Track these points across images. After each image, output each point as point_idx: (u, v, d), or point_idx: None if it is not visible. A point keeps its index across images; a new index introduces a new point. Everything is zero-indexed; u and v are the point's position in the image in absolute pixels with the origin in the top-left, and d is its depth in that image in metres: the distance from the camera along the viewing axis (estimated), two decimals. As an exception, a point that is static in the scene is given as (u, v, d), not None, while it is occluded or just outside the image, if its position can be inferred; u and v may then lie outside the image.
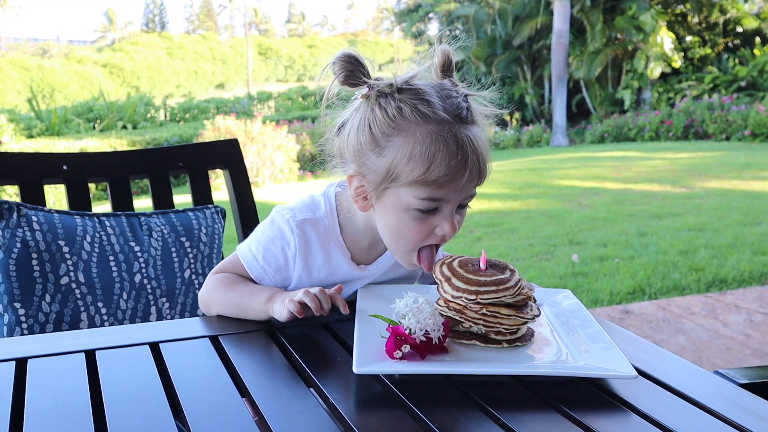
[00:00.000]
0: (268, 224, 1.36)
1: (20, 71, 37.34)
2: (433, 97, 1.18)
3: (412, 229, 1.21)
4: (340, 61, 1.21)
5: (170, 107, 24.71)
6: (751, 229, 6.07)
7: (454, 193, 1.18)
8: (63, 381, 1.02)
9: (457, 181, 1.16)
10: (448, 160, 1.14)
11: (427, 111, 1.16)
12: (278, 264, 1.33)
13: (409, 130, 1.16)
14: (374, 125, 1.19)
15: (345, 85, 1.22)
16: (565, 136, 18.83)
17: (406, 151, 1.16)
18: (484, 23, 22.14)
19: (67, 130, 19.50)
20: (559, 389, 1.00)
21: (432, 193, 1.16)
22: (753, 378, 1.27)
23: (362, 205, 1.26)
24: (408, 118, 1.16)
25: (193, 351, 1.14)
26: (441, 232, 1.21)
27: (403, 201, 1.19)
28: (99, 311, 1.69)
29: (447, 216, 1.20)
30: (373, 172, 1.20)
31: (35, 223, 1.67)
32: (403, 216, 1.20)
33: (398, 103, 1.17)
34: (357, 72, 1.21)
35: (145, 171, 2.00)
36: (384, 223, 1.25)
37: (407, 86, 1.20)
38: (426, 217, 1.20)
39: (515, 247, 5.86)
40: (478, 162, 1.17)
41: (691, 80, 19.55)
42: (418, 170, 1.15)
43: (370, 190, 1.22)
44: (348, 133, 1.24)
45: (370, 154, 1.20)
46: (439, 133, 1.15)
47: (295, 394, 0.98)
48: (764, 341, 3.51)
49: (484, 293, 1.07)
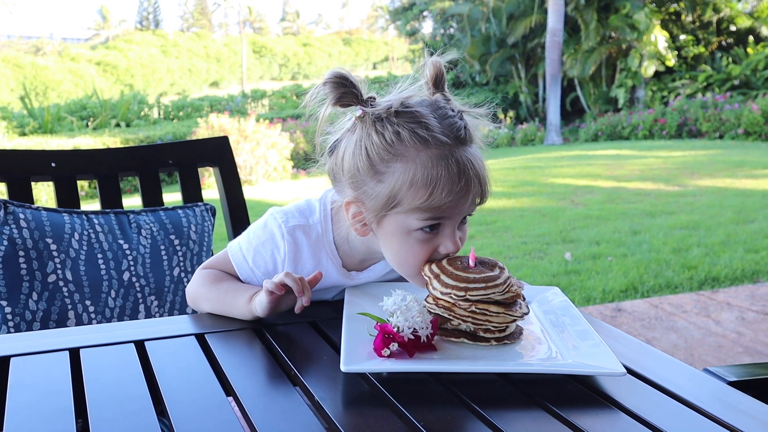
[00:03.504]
0: (261, 226, 1.34)
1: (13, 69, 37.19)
2: (431, 119, 1.15)
3: (416, 252, 1.18)
4: (330, 82, 1.17)
5: (164, 105, 24.64)
6: (744, 227, 6.08)
7: (457, 213, 1.16)
8: (45, 379, 1.00)
9: (461, 205, 1.15)
10: (451, 186, 1.12)
11: (426, 135, 1.13)
12: (267, 268, 1.32)
13: (408, 156, 1.13)
14: (371, 150, 1.15)
15: (337, 106, 1.18)
16: (559, 134, 18.85)
17: (407, 178, 1.13)
18: (478, 21, 22.15)
19: (60, 128, 19.43)
20: (547, 387, 0.99)
21: (435, 215, 1.15)
22: (742, 376, 1.27)
23: (361, 230, 1.23)
24: (407, 143, 1.13)
25: (179, 349, 1.13)
26: (444, 251, 1.18)
27: (404, 225, 1.17)
28: (87, 309, 1.68)
29: (449, 234, 1.18)
30: (373, 199, 1.17)
31: (23, 221, 1.65)
32: (406, 239, 1.18)
33: (395, 128, 1.14)
34: (349, 93, 1.17)
35: (134, 168, 1.99)
36: (387, 247, 1.22)
37: (403, 109, 1.16)
38: (428, 237, 1.17)
39: (508, 246, 5.86)
40: (479, 184, 1.16)
41: (685, 79, 19.61)
42: (421, 196, 1.12)
43: (370, 217, 1.19)
44: (342, 156, 1.20)
45: (369, 181, 1.17)
46: (440, 157, 1.13)
47: (281, 393, 0.97)
48: (756, 339, 3.52)
49: (473, 290, 1.07)
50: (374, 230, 1.22)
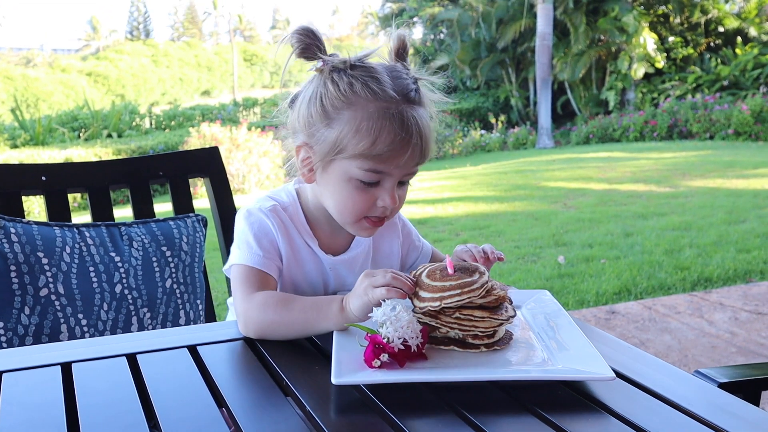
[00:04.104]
0: (245, 222, 1.36)
1: (4, 81, 37.10)
2: (384, 76, 1.24)
3: (354, 200, 1.27)
4: (297, 34, 1.26)
5: (155, 115, 24.59)
6: (735, 227, 6.11)
7: (395, 168, 1.24)
8: (38, 395, 1.01)
9: (400, 158, 1.22)
10: (393, 136, 1.21)
11: (377, 88, 1.22)
12: (273, 247, 1.35)
13: (358, 105, 1.22)
14: (326, 99, 1.25)
15: (301, 57, 1.27)
16: (550, 137, 18.90)
17: (353, 125, 1.22)
18: (468, 27, 22.21)
19: (51, 139, 19.36)
20: (537, 392, 1.00)
21: (375, 166, 1.23)
22: (733, 377, 1.28)
23: (307, 176, 1.33)
24: (358, 94, 1.22)
25: (171, 362, 1.13)
26: (382, 204, 1.27)
27: (346, 172, 1.25)
28: (79, 323, 1.68)
29: (388, 189, 1.26)
30: (321, 143, 1.26)
31: (13, 235, 1.65)
32: (345, 186, 1.26)
33: (350, 79, 1.24)
34: (313, 46, 1.26)
35: (125, 181, 1.98)
36: (329, 193, 1.30)
37: (360, 64, 1.26)
38: (367, 188, 1.26)
39: (501, 250, 5.82)
40: (420, 141, 1.24)
41: (675, 80, 19.69)
42: (364, 144, 1.21)
43: (317, 161, 1.28)
44: (299, 105, 1.30)
45: (320, 126, 1.26)
46: (386, 110, 1.22)
47: (272, 404, 0.97)
48: (749, 339, 3.53)
49: (448, 297, 1.07)
50: (319, 176, 1.31)
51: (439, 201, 8.68)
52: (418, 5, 25.12)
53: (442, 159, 16.87)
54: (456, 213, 7.84)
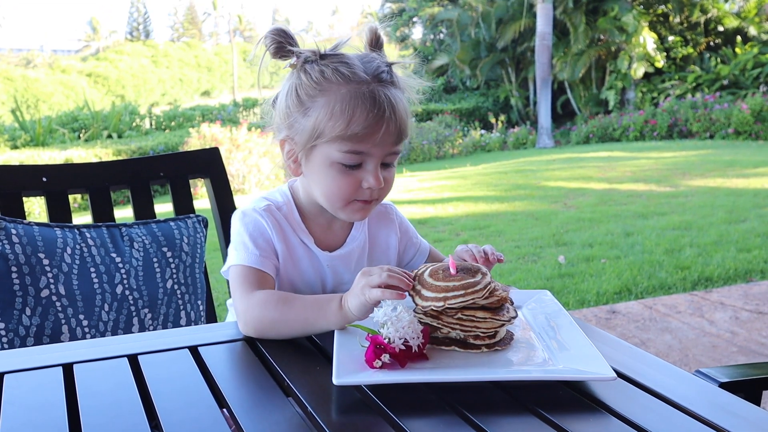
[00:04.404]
0: (240, 223, 1.38)
1: (4, 82, 37.10)
2: (355, 61, 1.29)
3: (339, 184, 1.29)
4: (270, 35, 1.31)
5: (155, 116, 24.58)
6: (736, 226, 6.11)
7: (374, 147, 1.26)
8: (39, 396, 1.01)
9: (376, 135, 1.25)
10: (366, 114, 1.24)
11: (347, 72, 1.27)
12: (268, 246, 1.36)
13: (330, 90, 1.26)
14: (300, 89, 1.29)
15: (276, 57, 1.32)
16: (550, 137, 18.90)
17: (328, 109, 1.25)
18: (467, 26, 22.21)
19: (51, 140, 19.35)
20: (538, 392, 1.00)
21: (353, 147, 1.25)
22: (733, 377, 1.28)
23: (294, 168, 1.36)
24: (330, 80, 1.27)
25: (172, 362, 1.13)
26: (367, 185, 1.29)
27: (328, 157, 1.28)
28: (80, 323, 1.68)
29: (371, 170, 1.28)
30: (300, 133, 1.30)
31: (14, 236, 1.65)
32: (329, 171, 1.29)
33: (321, 67, 1.28)
34: (286, 44, 1.30)
35: (125, 181, 1.99)
36: (315, 182, 1.33)
37: (331, 53, 1.31)
38: (351, 171, 1.28)
39: (502, 250, 5.86)
40: (395, 117, 1.26)
41: (674, 80, 19.69)
42: (339, 125, 1.24)
43: (299, 151, 1.32)
44: (279, 102, 1.35)
45: (298, 116, 1.30)
46: (358, 90, 1.25)
47: (274, 404, 0.97)
48: (750, 338, 3.53)
49: (452, 298, 1.07)
50: (304, 167, 1.34)
51: (439, 201, 8.68)
52: (417, 5, 25.12)
53: (442, 159, 16.87)
54: (456, 213, 7.84)
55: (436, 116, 20.26)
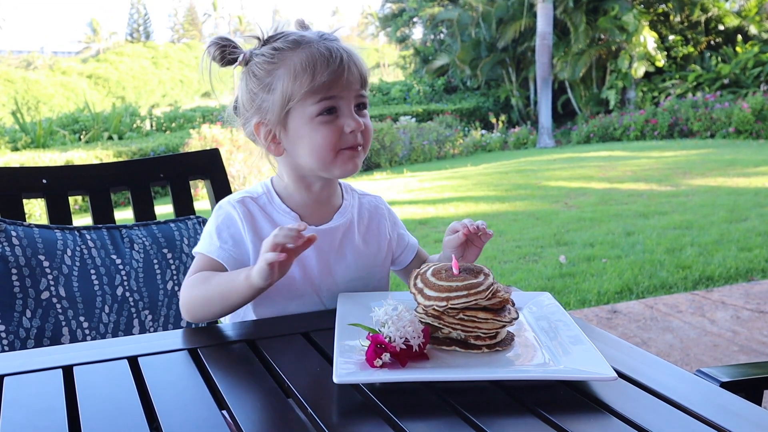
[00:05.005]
0: (213, 214, 1.43)
1: (4, 84, 37.10)
2: (298, 30, 1.37)
3: (323, 134, 1.32)
4: (212, 45, 1.37)
5: (156, 117, 24.56)
6: (737, 225, 6.10)
7: (344, 90, 1.32)
8: (39, 398, 1.01)
9: (341, 78, 1.31)
10: (327, 63, 1.30)
11: (297, 38, 1.34)
12: (234, 239, 1.38)
13: (286, 58, 1.32)
14: (257, 71, 1.35)
15: (224, 64, 1.37)
16: (551, 137, 18.89)
17: (290, 74, 1.31)
18: (468, 26, 22.20)
19: (52, 142, 19.35)
20: (539, 393, 1.00)
21: (324, 94, 1.31)
22: (735, 376, 1.28)
23: (275, 149, 1.39)
24: (283, 50, 1.33)
25: (172, 364, 1.13)
26: (349, 129, 1.32)
27: (305, 116, 1.32)
28: (81, 325, 1.68)
29: (348, 114, 1.33)
30: (272, 108, 1.34)
31: (14, 238, 1.65)
32: (309, 127, 1.32)
33: (271, 45, 1.34)
34: (229, 49, 1.36)
35: (125, 183, 1.98)
36: (300, 147, 1.35)
37: (273, 34, 1.37)
38: (330, 120, 1.32)
39: (503, 250, 5.87)
40: (353, 60, 1.33)
41: (675, 79, 19.67)
42: (306, 81, 1.30)
43: (275, 126, 1.35)
44: (239, 97, 1.40)
45: (263, 95, 1.35)
46: (310, 48, 1.32)
47: (274, 405, 0.97)
48: (751, 337, 3.53)
49: (455, 298, 1.07)
50: (285, 140, 1.36)
51: (440, 201, 8.68)
52: (418, 5, 25.12)
53: (442, 159, 16.87)
54: (457, 213, 7.84)
55: (437, 116, 20.25)
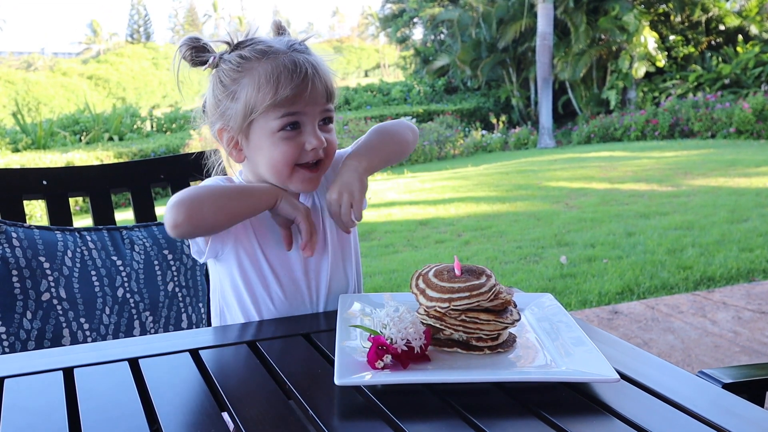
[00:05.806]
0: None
1: (5, 85, 37.11)
2: (268, 40, 1.36)
3: (282, 150, 1.31)
4: (184, 45, 1.35)
5: (156, 118, 24.57)
6: (738, 226, 6.10)
7: (307, 106, 1.30)
8: (40, 400, 1.00)
9: (304, 93, 1.29)
10: (291, 77, 1.28)
11: (264, 48, 1.32)
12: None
13: (252, 68, 1.31)
14: (224, 78, 1.34)
15: (195, 65, 1.36)
16: (551, 137, 18.88)
17: (254, 84, 1.29)
18: (468, 27, 22.19)
19: (53, 143, 19.36)
20: (541, 394, 1.00)
21: (287, 110, 1.29)
22: (737, 377, 1.27)
23: (237, 155, 1.39)
24: (249, 59, 1.31)
25: (173, 366, 1.13)
26: (310, 146, 1.31)
27: (267, 129, 1.31)
28: (81, 327, 1.67)
29: (310, 131, 1.32)
30: (234, 116, 1.33)
31: (15, 240, 1.65)
32: (270, 141, 1.31)
33: (239, 53, 1.33)
34: (199, 50, 1.35)
35: (126, 184, 1.98)
36: (259, 158, 1.35)
37: (244, 39, 1.36)
38: (291, 137, 1.31)
39: (503, 250, 5.86)
40: (318, 75, 1.31)
41: (676, 79, 19.66)
42: (269, 94, 1.28)
43: (237, 134, 1.35)
44: (207, 99, 1.40)
45: (227, 103, 1.34)
46: (278, 60, 1.30)
47: (275, 407, 0.97)
48: (752, 338, 3.53)
49: (457, 300, 1.07)
50: (246, 148, 1.36)
51: (441, 202, 8.67)
52: (418, 6, 25.11)
53: (443, 160, 16.86)
54: (458, 214, 7.83)
55: (437, 117, 20.26)
